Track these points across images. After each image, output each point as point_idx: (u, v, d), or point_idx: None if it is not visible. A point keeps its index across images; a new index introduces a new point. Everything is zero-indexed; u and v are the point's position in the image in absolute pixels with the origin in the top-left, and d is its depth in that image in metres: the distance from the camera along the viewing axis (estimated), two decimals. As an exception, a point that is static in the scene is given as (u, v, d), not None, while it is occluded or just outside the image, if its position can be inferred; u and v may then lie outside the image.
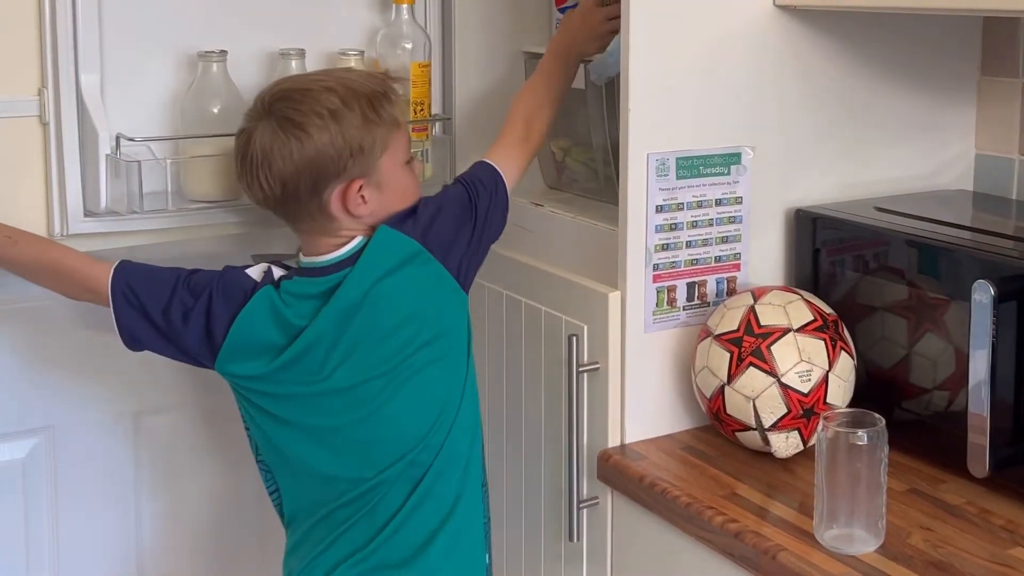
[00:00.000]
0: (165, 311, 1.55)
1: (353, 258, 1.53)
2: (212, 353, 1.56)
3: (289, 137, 1.50)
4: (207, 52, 1.76)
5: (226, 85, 1.78)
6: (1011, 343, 1.40)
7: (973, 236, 1.57)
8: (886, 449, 1.31)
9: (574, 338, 1.60)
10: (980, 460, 1.42)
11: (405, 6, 1.89)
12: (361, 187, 1.52)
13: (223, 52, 1.77)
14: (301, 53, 1.82)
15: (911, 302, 1.55)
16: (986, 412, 1.40)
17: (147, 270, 1.59)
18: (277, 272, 1.57)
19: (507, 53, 2.06)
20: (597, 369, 1.61)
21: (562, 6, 2.00)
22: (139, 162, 1.70)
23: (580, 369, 1.61)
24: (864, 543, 1.31)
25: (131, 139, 1.71)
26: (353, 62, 1.84)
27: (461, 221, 1.58)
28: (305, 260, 1.58)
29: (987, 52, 1.83)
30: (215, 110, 1.76)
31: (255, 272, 1.57)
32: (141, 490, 2.02)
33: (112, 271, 1.57)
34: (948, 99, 1.83)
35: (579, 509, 1.63)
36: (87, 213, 1.72)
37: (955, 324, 1.48)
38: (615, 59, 1.67)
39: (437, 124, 1.97)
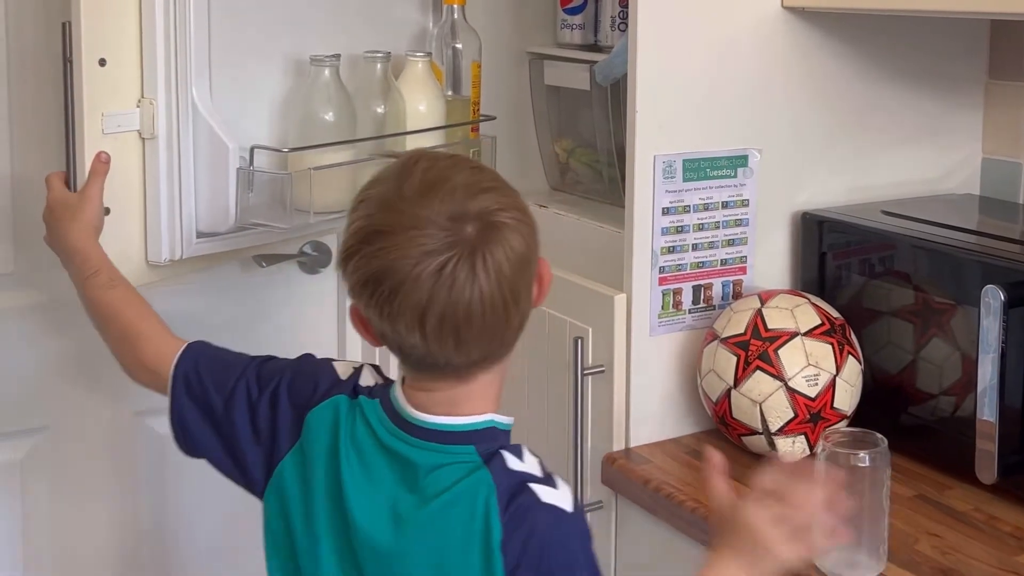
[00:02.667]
0: (228, 401, 1.28)
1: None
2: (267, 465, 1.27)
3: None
4: (319, 57, 1.69)
5: (338, 89, 1.72)
6: (1020, 349, 1.39)
7: (980, 240, 1.56)
8: (888, 472, 1.28)
9: (579, 341, 1.59)
10: (988, 466, 1.41)
11: (456, 6, 1.89)
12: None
13: (335, 56, 1.69)
14: (387, 56, 1.78)
15: (918, 306, 1.54)
16: (994, 418, 1.39)
17: (220, 354, 1.35)
18: (367, 379, 1.27)
19: (513, 53, 2.05)
20: (602, 372, 1.60)
21: (567, 7, 1.99)
22: (285, 174, 1.62)
23: (585, 372, 1.60)
24: (866, 569, 1.28)
25: (275, 149, 1.65)
26: (421, 64, 1.82)
27: None
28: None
29: (995, 56, 1.82)
30: (328, 116, 1.70)
31: (342, 369, 1.29)
32: (140, 490, 2.01)
33: (181, 351, 1.34)
34: (955, 103, 1.82)
35: (584, 513, 1.62)
36: (199, 234, 1.61)
37: (962, 329, 1.48)
38: (621, 60, 1.66)
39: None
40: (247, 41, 1.70)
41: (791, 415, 1.49)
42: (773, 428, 1.50)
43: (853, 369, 1.53)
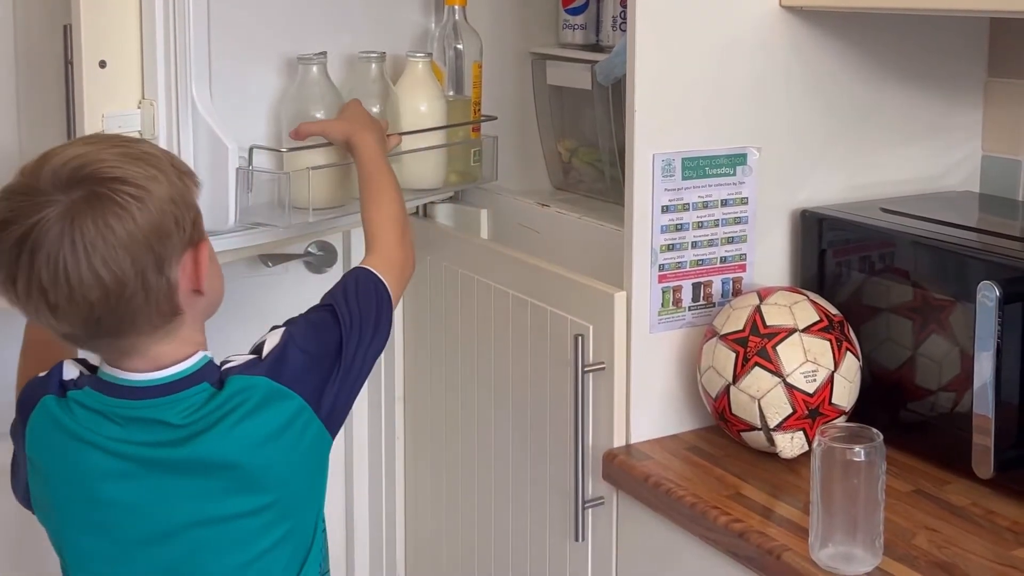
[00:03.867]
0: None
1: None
2: None
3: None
4: (306, 55, 1.71)
5: (327, 88, 1.74)
6: (1016, 345, 1.39)
7: (979, 237, 1.57)
8: (884, 466, 1.28)
9: (580, 338, 1.60)
10: (985, 461, 1.42)
11: (458, 7, 1.90)
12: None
13: (322, 54, 1.71)
14: (382, 57, 1.80)
15: (916, 303, 1.55)
16: (991, 413, 1.40)
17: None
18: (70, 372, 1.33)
19: (515, 54, 2.07)
20: (603, 369, 1.61)
21: (569, 7, 2.01)
22: (283, 174, 1.65)
23: (585, 369, 1.61)
24: (861, 563, 1.28)
25: (273, 149, 1.67)
26: (421, 65, 1.84)
27: None
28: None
29: (994, 53, 1.83)
30: (318, 115, 1.72)
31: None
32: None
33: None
34: (955, 100, 1.83)
35: (584, 509, 1.63)
36: None
37: (960, 325, 1.48)
38: (621, 60, 1.67)
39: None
40: (248, 42, 1.71)
41: (789, 411, 1.50)
42: (772, 424, 1.51)
43: (851, 365, 1.54)
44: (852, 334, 1.57)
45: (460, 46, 1.92)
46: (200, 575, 1.28)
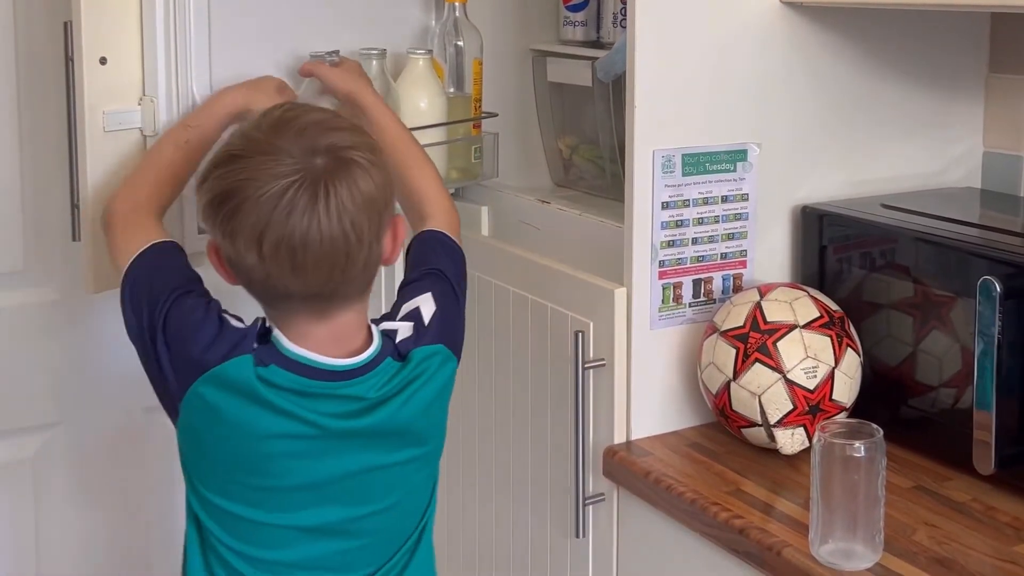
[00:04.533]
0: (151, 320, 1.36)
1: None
2: None
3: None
4: (318, 53, 1.71)
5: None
6: (1017, 340, 1.39)
7: (980, 233, 1.56)
8: (884, 461, 1.28)
9: (580, 335, 1.60)
10: (985, 457, 1.42)
11: (458, 4, 1.90)
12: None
13: (334, 52, 1.71)
14: (382, 54, 1.80)
15: (917, 299, 1.55)
16: (991, 409, 1.40)
17: (167, 264, 1.40)
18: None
19: (516, 51, 2.07)
20: (603, 366, 1.61)
21: (569, 4, 2.00)
22: None
23: (586, 366, 1.61)
24: (861, 559, 1.28)
25: None
26: (421, 62, 1.83)
27: None
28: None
29: (995, 49, 1.83)
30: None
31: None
32: (151, 485, 2.02)
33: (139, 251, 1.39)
34: (956, 96, 1.82)
35: (585, 505, 1.63)
36: (200, 230, 1.63)
37: (961, 321, 1.48)
38: (622, 56, 1.67)
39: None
40: (248, 39, 1.71)
41: (790, 407, 1.50)
42: (772, 420, 1.51)
43: (852, 361, 1.54)
44: (853, 330, 1.56)
45: (461, 43, 1.92)
46: (360, 511, 1.35)
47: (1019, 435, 1.41)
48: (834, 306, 1.57)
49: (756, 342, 1.52)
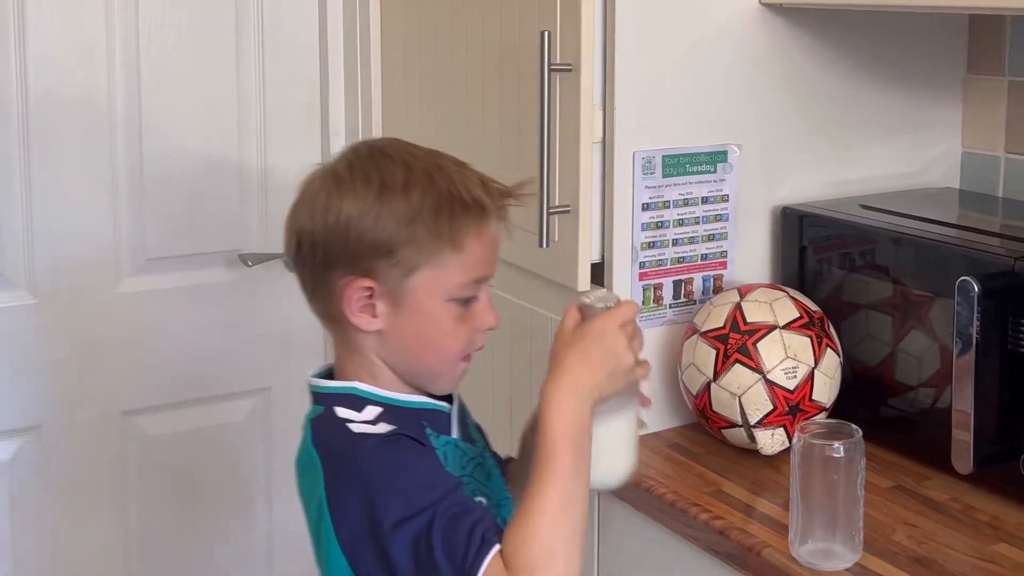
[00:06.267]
0: None
1: None
2: None
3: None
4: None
5: None
6: (995, 340, 1.40)
7: (959, 233, 1.57)
8: (863, 462, 1.28)
9: (561, 336, 1.60)
10: (964, 457, 1.42)
11: None
12: (372, 292, 1.19)
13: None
14: None
15: (896, 299, 1.55)
16: (970, 409, 1.40)
17: None
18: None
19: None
20: (584, 367, 1.61)
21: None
22: None
23: (567, 367, 1.60)
24: (841, 559, 1.29)
25: None
26: None
27: None
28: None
29: (973, 50, 1.83)
30: None
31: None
32: (128, 490, 2.02)
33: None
34: (934, 97, 1.83)
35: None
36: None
37: (940, 321, 1.49)
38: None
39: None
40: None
41: (770, 407, 1.51)
42: (752, 420, 1.51)
43: (831, 361, 1.54)
44: (832, 330, 1.57)
45: None
46: None
47: (997, 435, 1.42)
48: (814, 307, 1.57)
49: (736, 343, 1.52)
